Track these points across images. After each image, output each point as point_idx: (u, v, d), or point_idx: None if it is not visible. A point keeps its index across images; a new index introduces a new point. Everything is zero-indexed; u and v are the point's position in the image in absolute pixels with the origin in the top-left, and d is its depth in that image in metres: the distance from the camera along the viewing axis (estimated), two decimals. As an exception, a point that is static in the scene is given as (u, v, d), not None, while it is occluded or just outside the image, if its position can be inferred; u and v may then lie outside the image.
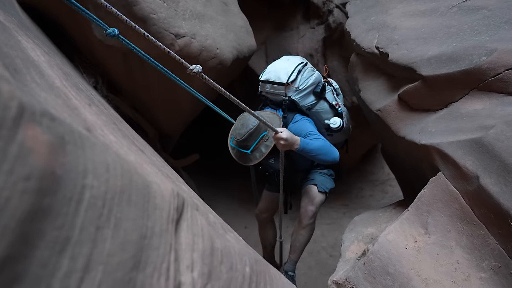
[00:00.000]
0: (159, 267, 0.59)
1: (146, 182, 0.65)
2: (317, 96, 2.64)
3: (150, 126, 4.25)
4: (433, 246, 1.69)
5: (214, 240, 0.77)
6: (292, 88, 2.53)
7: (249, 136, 2.33)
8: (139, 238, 0.58)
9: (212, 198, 7.86)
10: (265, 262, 1.05)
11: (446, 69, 1.96)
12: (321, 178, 2.80)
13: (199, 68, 1.53)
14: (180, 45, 2.94)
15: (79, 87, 1.13)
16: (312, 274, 5.93)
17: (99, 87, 4.04)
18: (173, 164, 4.60)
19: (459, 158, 1.68)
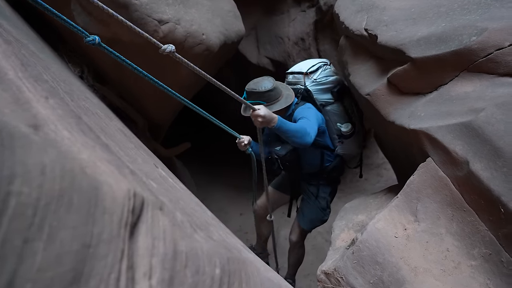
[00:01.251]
0: (107, 278, 0.54)
1: (94, 184, 0.59)
2: (334, 95, 2.75)
3: (139, 116, 4.16)
4: (423, 234, 1.65)
5: (178, 242, 0.72)
6: (310, 79, 2.69)
7: (251, 93, 2.54)
8: (81, 247, 0.52)
9: (207, 185, 7.85)
10: (242, 259, 1.00)
11: (436, 50, 1.89)
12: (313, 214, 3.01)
13: (172, 47, 1.46)
14: (164, 32, 2.84)
15: (43, 78, 1.05)
16: (308, 259, 5.93)
17: (85, 77, 3.95)
18: (163, 154, 4.54)
19: (448, 142, 1.63)
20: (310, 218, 3.05)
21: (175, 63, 3.05)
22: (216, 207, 7.42)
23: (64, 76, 1.93)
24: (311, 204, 3.03)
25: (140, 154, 1.71)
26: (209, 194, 7.49)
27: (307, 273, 5.39)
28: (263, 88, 2.53)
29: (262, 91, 2.53)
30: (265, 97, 2.54)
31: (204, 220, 1.21)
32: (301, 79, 2.75)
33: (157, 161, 2.79)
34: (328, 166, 2.87)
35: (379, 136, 3.14)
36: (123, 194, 0.64)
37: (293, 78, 2.81)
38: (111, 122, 1.84)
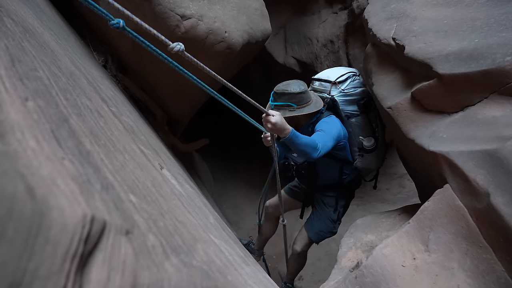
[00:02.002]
0: (37, 323, 0.47)
1: (41, 209, 0.53)
2: (360, 108, 2.65)
3: (159, 108, 4.15)
4: (433, 266, 1.54)
5: (138, 275, 0.65)
6: (338, 88, 2.61)
7: (282, 94, 2.44)
8: (7, 287, 0.45)
9: (224, 181, 7.84)
10: (223, 286, 0.93)
11: (465, 68, 1.75)
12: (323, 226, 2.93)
13: (180, 46, 1.39)
14: (186, 27, 2.79)
15: (34, 75, 1.01)
16: (321, 265, 5.85)
17: (108, 66, 3.97)
18: (181, 148, 4.53)
19: (469, 170, 1.50)
20: (319, 229, 2.97)
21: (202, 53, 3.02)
22: (232, 203, 7.41)
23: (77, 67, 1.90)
24: (323, 215, 2.96)
25: (142, 154, 1.66)
26: (225, 191, 7.48)
27: (318, 279, 5.30)
28: (296, 90, 2.44)
29: (294, 92, 2.43)
30: (296, 99, 2.45)
31: (194, 235, 1.14)
32: (328, 87, 2.66)
33: (168, 158, 2.76)
34: (345, 179, 2.80)
35: (400, 149, 3.00)
36: (76, 220, 0.57)
37: (319, 86, 2.73)
38: (117, 119, 1.80)
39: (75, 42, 3.16)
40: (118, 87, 3.57)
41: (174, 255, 0.81)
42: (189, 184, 2.52)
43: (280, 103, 2.45)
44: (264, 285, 1.66)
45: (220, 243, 1.61)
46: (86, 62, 2.65)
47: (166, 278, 0.71)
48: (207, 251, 1.13)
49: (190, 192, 2.15)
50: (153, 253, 0.74)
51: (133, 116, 2.68)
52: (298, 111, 2.44)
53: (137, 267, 0.66)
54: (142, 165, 1.38)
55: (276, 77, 6.63)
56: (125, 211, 0.77)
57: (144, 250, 0.72)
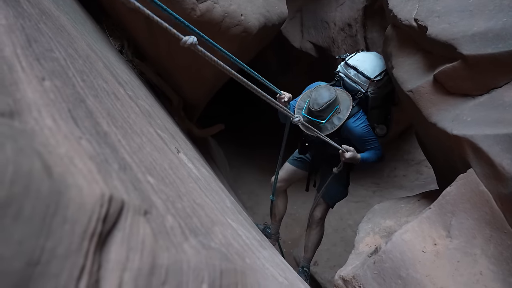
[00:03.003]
0: (55, 301, 0.47)
1: (59, 187, 0.52)
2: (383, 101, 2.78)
3: (175, 94, 4.15)
4: (454, 252, 1.50)
5: (158, 255, 0.64)
6: (374, 87, 2.65)
7: (327, 107, 2.47)
8: (24, 265, 0.45)
9: (240, 167, 7.86)
10: (241, 270, 0.92)
11: (492, 48, 1.68)
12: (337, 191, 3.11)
13: (193, 39, 1.37)
14: (201, 10, 2.75)
15: (51, 56, 1.00)
16: (336, 251, 5.85)
17: (124, 52, 3.97)
18: (197, 134, 4.53)
19: (495, 155, 1.44)
20: (334, 194, 3.13)
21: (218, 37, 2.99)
22: (247, 189, 7.43)
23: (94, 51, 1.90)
24: (333, 181, 2.97)
25: (159, 137, 1.66)
26: (240, 176, 7.50)
27: (333, 265, 5.30)
28: (333, 95, 2.50)
29: (333, 99, 2.50)
30: (336, 102, 2.54)
31: (211, 218, 1.13)
32: (365, 83, 2.69)
33: (185, 142, 2.76)
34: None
35: (419, 134, 2.93)
36: (94, 199, 0.56)
37: (355, 76, 2.72)
38: (134, 102, 1.80)
39: (91, 27, 3.16)
40: (134, 72, 3.57)
41: (192, 237, 0.80)
42: (206, 169, 2.52)
43: (328, 116, 2.53)
44: (281, 269, 1.65)
45: (237, 226, 1.61)
46: (102, 47, 2.64)
47: (185, 260, 0.70)
48: (225, 234, 1.12)
49: (207, 176, 2.14)
50: (172, 234, 0.73)
51: (149, 100, 2.67)
52: (345, 110, 2.56)
53: (156, 248, 0.65)
54: (159, 148, 1.37)
55: (292, 63, 6.56)
56: (143, 191, 0.76)
57: (163, 231, 0.71)
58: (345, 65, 2.82)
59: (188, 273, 0.69)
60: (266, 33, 3.64)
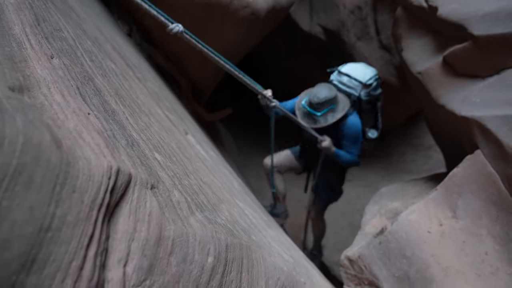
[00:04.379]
0: (67, 266, 0.49)
1: (67, 159, 0.54)
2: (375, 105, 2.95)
3: (183, 77, 4.15)
4: (460, 232, 1.51)
5: (165, 227, 0.66)
6: (366, 91, 2.81)
7: (325, 101, 2.64)
8: (37, 231, 0.47)
9: (249, 152, 7.87)
10: (247, 245, 0.94)
11: (503, 28, 1.65)
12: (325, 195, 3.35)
13: (180, 27, 1.37)
14: (209, -8, 2.74)
15: (60, 36, 1.01)
16: (343, 234, 5.88)
17: (132, 35, 3.97)
18: (206, 117, 4.54)
19: (503, 135, 1.43)
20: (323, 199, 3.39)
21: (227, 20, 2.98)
22: (256, 173, 7.45)
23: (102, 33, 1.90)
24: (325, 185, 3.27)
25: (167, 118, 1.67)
26: (249, 161, 7.51)
27: (340, 248, 5.33)
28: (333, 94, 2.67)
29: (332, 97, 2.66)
30: (334, 101, 2.68)
31: (218, 196, 1.15)
32: (357, 87, 2.83)
33: (193, 125, 2.78)
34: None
35: (428, 118, 2.91)
36: (102, 171, 0.58)
37: (348, 82, 2.87)
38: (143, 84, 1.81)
39: (100, 10, 3.16)
40: (142, 55, 3.58)
41: (199, 212, 0.82)
42: (214, 151, 2.54)
43: (324, 111, 2.67)
44: (287, 248, 1.68)
45: (244, 206, 1.63)
46: (111, 30, 2.65)
47: (191, 232, 0.72)
48: (231, 212, 1.14)
49: (215, 158, 2.16)
50: (178, 208, 0.75)
51: (158, 83, 2.69)
52: (341, 111, 2.70)
53: (162, 220, 0.67)
54: (167, 128, 1.39)
55: (301, 46, 6.50)
56: (150, 167, 0.78)
57: (170, 205, 0.72)
58: (338, 73, 2.97)
59: (194, 245, 0.71)
60: (275, 16, 3.60)
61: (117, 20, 3.79)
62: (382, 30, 5.86)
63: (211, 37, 3.20)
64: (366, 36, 5.94)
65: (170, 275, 0.63)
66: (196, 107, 4.29)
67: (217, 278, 0.75)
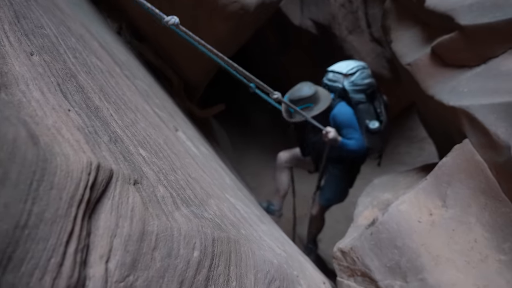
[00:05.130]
0: (45, 263, 0.49)
1: (43, 155, 0.54)
2: (367, 96, 3.00)
3: (174, 74, 4.13)
4: (450, 221, 1.52)
5: (147, 222, 0.66)
6: (348, 80, 2.95)
7: (299, 99, 2.87)
8: (12, 228, 0.47)
9: (243, 148, 7.86)
10: (235, 239, 0.94)
11: (489, 17, 1.66)
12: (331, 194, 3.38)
13: (175, 20, 1.36)
14: (197, -13, 2.72)
15: (41, 33, 1.00)
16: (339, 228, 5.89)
17: (122, 33, 3.95)
18: (198, 114, 4.53)
19: (490, 124, 1.44)
20: (328, 197, 3.40)
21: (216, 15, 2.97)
22: (251, 170, 7.45)
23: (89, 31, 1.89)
24: (332, 184, 3.34)
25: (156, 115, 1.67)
26: (244, 157, 7.51)
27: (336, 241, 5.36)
28: (309, 93, 2.88)
29: (308, 95, 2.87)
30: (311, 99, 2.88)
31: (207, 191, 1.15)
32: (340, 79, 3.00)
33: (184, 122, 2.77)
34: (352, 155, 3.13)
35: (419, 109, 2.92)
36: (81, 167, 0.58)
37: (333, 76, 3.06)
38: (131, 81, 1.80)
39: (89, 8, 3.14)
40: (132, 53, 3.55)
41: (184, 207, 0.82)
42: (205, 147, 2.54)
43: (299, 107, 2.83)
44: (280, 242, 1.68)
45: (236, 202, 1.63)
46: (98, 27, 2.63)
47: (176, 227, 0.72)
48: (221, 207, 1.14)
49: (206, 154, 2.16)
50: (163, 203, 0.75)
51: (147, 80, 2.67)
52: (316, 110, 2.86)
53: (146, 215, 0.66)
54: (155, 124, 1.39)
55: (292, 41, 6.49)
56: (134, 162, 0.78)
57: (154, 200, 0.72)
58: (326, 73, 3.16)
59: (179, 240, 0.71)
60: (265, 11, 3.59)
61: (106, 18, 3.76)
62: (373, 23, 5.87)
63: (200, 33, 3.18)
64: (357, 30, 5.94)
65: (155, 270, 0.63)
66: (188, 104, 4.28)
67: (203, 272, 0.75)
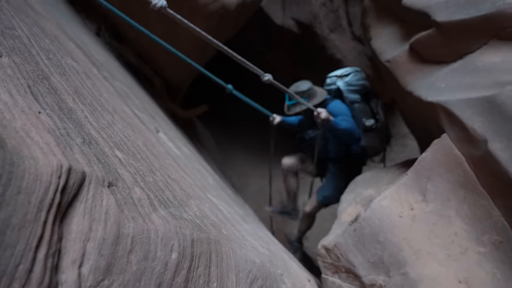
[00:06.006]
0: (13, 270, 0.47)
1: (10, 159, 0.52)
2: (362, 96, 3.18)
3: (156, 76, 4.09)
4: (430, 215, 1.54)
5: (122, 225, 0.64)
6: (343, 81, 3.19)
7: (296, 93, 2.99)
8: (-24, 234, 0.45)
9: (228, 149, 7.83)
10: (215, 239, 0.93)
11: (464, 14, 1.68)
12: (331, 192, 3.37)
13: (162, 2, 1.35)
14: (176, -13, 2.69)
15: (12, 34, 0.98)
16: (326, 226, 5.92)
17: (101, 34, 3.89)
18: (181, 115, 4.50)
19: (467, 118, 1.47)
20: (327, 194, 3.39)
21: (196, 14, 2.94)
22: (236, 170, 7.44)
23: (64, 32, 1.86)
24: (332, 183, 3.38)
25: (136, 117, 1.64)
26: (229, 158, 7.49)
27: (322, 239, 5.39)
28: (305, 88, 3.14)
29: (304, 90, 3.12)
30: (306, 94, 3.11)
31: (187, 192, 1.14)
32: (335, 80, 3.25)
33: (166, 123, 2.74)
34: (352, 154, 3.28)
35: (400, 106, 2.96)
36: (51, 170, 0.56)
37: (330, 81, 3.33)
38: (109, 83, 1.77)
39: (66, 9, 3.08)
40: (112, 54, 3.51)
41: (162, 208, 0.81)
42: (188, 148, 2.52)
43: (293, 101, 3.10)
44: (264, 241, 1.68)
45: (219, 202, 1.62)
46: (76, 28, 2.59)
47: (153, 229, 0.70)
48: (201, 207, 1.13)
49: (188, 155, 2.15)
50: (139, 205, 0.74)
51: (128, 82, 2.64)
52: (310, 103, 3.03)
53: (121, 218, 0.65)
54: (134, 126, 1.37)
55: (275, 40, 6.50)
56: (109, 165, 0.76)
57: (129, 202, 0.71)
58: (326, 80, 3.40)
59: (156, 242, 0.70)
60: (246, 10, 3.59)
61: (84, 19, 3.70)
62: (354, 21, 5.92)
63: (181, 33, 3.17)
64: (338, 28, 5.98)
65: (131, 273, 0.62)
66: (170, 105, 4.25)
67: (182, 274, 0.74)
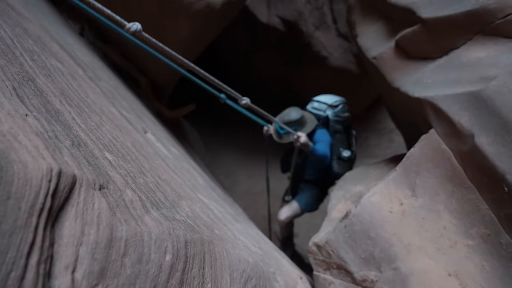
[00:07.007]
0: (4, 278, 0.46)
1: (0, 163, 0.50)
2: (344, 127, 3.35)
3: (141, 75, 4.05)
4: (419, 210, 1.56)
5: (115, 228, 0.63)
6: (333, 111, 3.30)
7: (288, 122, 3.15)
8: (-35, 242, 0.44)
9: (216, 148, 7.80)
10: (208, 240, 0.92)
11: (449, 10, 1.71)
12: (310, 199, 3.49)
13: (137, 26, 1.34)
14: (161, -14, 2.67)
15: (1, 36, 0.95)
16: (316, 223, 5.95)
17: (85, 34, 3.83)
18: (167, 115, 4.46)
19: (454, 113, 1.49)
20: (306, 201, 3.48)
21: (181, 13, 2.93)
22: (225, 169, 7.42)
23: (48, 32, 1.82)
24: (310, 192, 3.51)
25: (123, 117, 1.62)
26: (217, 157, 7.47)
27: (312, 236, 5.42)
28: (297, 117, 3.17)
29: (296, 119, 3.16)
30: (298, 123, 3.17)
31: (178, 193, 1.12)
32: (325, 108, 3.34)
33: (153, 123, 2.72)
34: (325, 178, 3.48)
35: (386, 102, 2.99)
36: (41, 174, 0.55)
37: (318, 105, 3.40)
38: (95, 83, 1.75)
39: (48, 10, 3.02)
40: (96, 54, 3.46)
41: (154, 210, 0.80)
42: (176, 148, 2.50)
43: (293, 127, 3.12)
44: (256, 240, 1.68)
45: (209, 201, 1.61)
46: (59, 29, 2.54)
47: (146, 231, 0.69)
48: (193, 208, 1.12)
49: (177, 155, 2.13)
50: (131, 208, 0.73)
51: (113, 82, 2.61)
52: (304, 131, 3.09)
53: (113, 221, 0.64)
54: (121, 127, 1.35)
55: (261, 38, 6.49)
56: (99, 167, 0.75)
57: (121, 205, 0.70)
58: (311, 102, 3.48)
59: (150, 244, 0.69)
60: (231, 8, 3.57)
61: (67, 20, 3.64)
62: (339, 18, 5.95)
63: (167, 32, 3.14)
64: (323, 25, 6.00)
65: (125, 277, 0.61)
66: (157, 105, 4.21)
67: (177, 275, 0.73)
